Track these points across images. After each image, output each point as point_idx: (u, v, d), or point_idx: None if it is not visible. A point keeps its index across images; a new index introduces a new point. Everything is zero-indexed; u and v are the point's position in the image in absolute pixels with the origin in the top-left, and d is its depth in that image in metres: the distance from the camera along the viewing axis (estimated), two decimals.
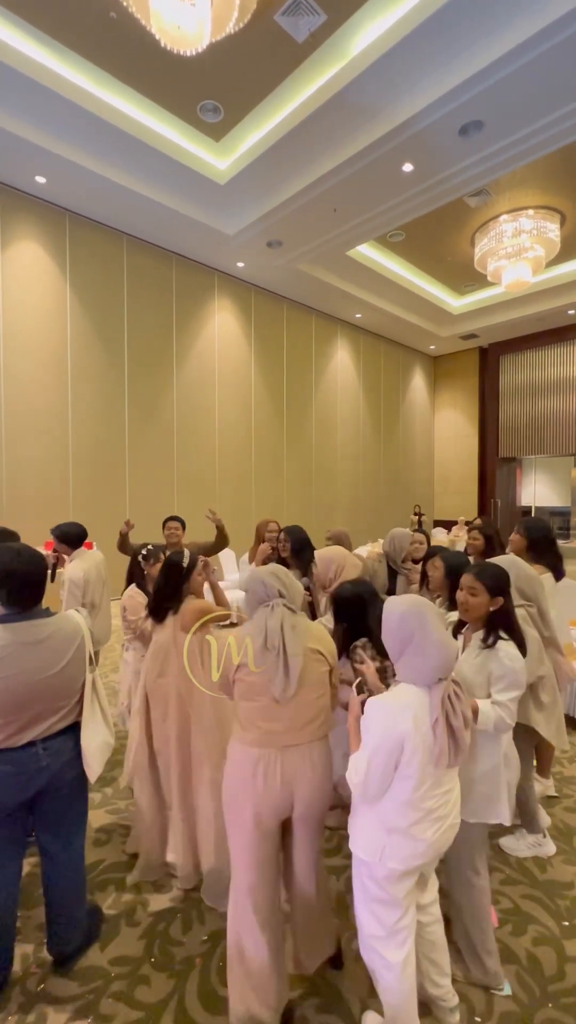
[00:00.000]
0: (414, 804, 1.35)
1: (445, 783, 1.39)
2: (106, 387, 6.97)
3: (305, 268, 8.17)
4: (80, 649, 1.68)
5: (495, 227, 7.34)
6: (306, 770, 1.50)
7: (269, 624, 1.54)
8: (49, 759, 1.59)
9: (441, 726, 1.31)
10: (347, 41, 4.54)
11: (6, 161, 5.48)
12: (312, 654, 1.57)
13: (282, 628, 1.53)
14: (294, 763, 1.50)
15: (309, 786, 1.50)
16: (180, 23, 3.57)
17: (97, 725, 1.73)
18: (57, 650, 1.61)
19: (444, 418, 13.50)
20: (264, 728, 1.52)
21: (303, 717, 1.52)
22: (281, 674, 1.49)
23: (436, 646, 1.35)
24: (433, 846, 1.37)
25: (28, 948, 1.80)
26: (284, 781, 1.49)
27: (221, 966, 1.73)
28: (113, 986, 1.66)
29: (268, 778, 1.49)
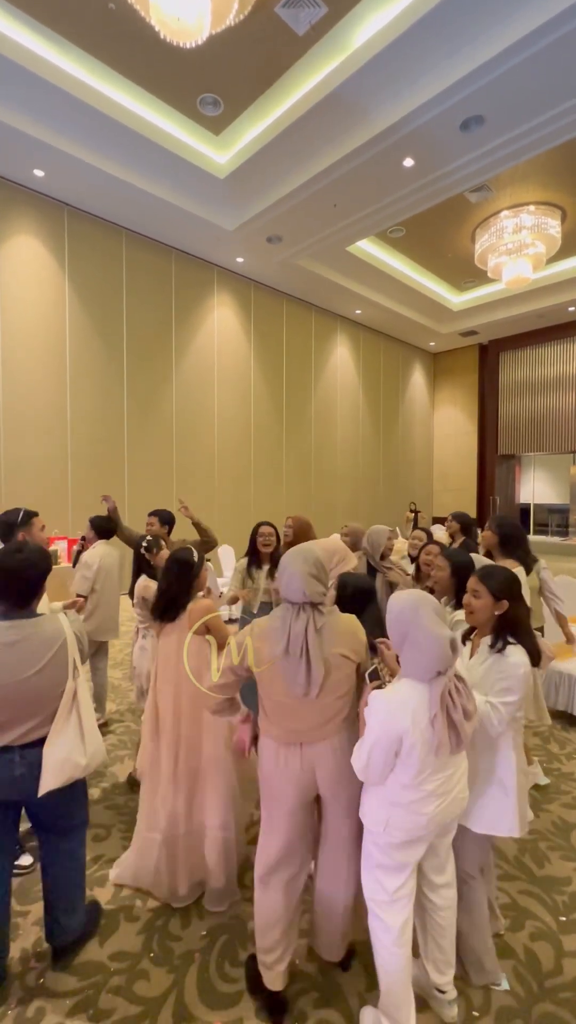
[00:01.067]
0: (414, 787, 1.39)
1: (448, 767, 1.42)
2: (105, 382, 6.95)
3: (305, 264, 8.13)
4: (60, 654, 1.59)
5: (496, 223, 7.31)
6: (327, 755, 1.54)
7: (293, 629, 1.49)
8: (24, 768, 1.54)
9: (440, 721, 1.33)
10: (348, 34, 4.50)
11: (4, 154, 5.44)
12: (336, 659, 1.52)
13: (306, 633, 1.48)
14: (314, 752, 1.54)
15: (331, 765, 1.54)
16: (180, 15, 3.54)
17: (67, 738, 1.58)
18: (32, 653, 1.54)
19: (443, 415, 13.49)
20: (286, 726, 1.54)
21: (324, 716, 1.53)
22: (303, 679, 1.46)
23: (430, 640, 1.35)
24: (435, 819, 1.41)
25: (27, 943, 1.81)
26: (304, 767, 1.54)
27: (220, 960, 1.74)
28: (112, 981, 1.67)
29: (290, 764, 1.55)
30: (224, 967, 1.71)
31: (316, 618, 1.50)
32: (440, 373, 13.46)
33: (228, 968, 1.71)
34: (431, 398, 13.53)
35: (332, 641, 1.52)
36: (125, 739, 3.25)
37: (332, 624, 1.55)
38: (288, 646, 1.47)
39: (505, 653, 1.63)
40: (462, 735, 1.36)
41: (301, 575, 1.50)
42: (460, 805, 1.47)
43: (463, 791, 1.48)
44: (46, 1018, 1.55)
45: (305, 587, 1.50)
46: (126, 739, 3.25)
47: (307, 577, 1.50)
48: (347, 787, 1.55)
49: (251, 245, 7.43)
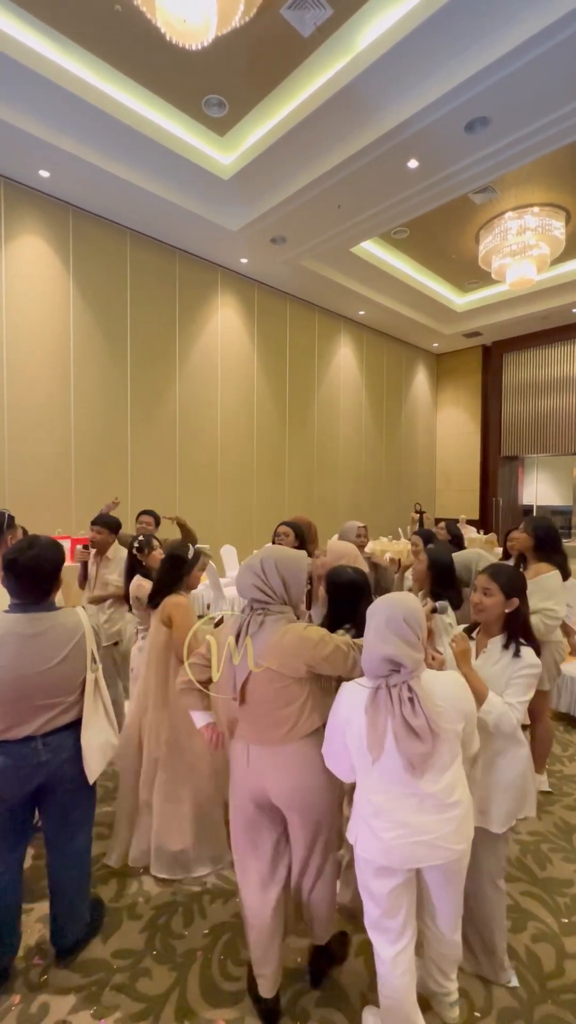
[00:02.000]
0: (364, 790, 1.40)
1: (404, 788, 1.34)
2: (109, 382, 6.97)
3: (309, 264, 8.14)
4: (79, 646, 1.66)
5: (500, 224, 7.31)
6: (272, 768, 1.51)
7: (231, 634, 1.56)
8: (49, 755, 1.59)
9: (370, 722, 1.33)
10: (353, 35, 4.51)
11: (10, 155, 5.46)
12: (264, 672, 1.48)
13: (237, 635, 1.53)
14: (260, 758, 1.53)
15: (278, 781, 1.51)
16: (186, 16, 3.55)
17: (99, 724, 1.70)
18: (54, 644, 1.60)
19: (446, 416, 13.47)
20: (230, 720, 1.59)
21: (258, 723, 1.52)
22: (230, 681, 1.53)
23: (369, 648, 1.38)
24: (394, 852, 1.33)
25: (31, 940, 1.82)
26: (252, 769, 1.54)
27: (223, 959, 1.75)
28: (115, 978, 1.68)
29: (239, 761, 1.58)
30: (227, 966, 1.72)
31: (251, 623, 1.52)
32: (443, 374, 13.45)
33: (230, 967, 1.72)
34: (434, 399, 13.52)
35: (262, 651, 1.49)
36: None
37: (267, 633, 1.51)
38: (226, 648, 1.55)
39: (520, 654, 1.63)
40: (409, 753, 1.29)
41: (248, 567, 1.57)
42: (436, 852, 1.34)
43: (443, 839, 1.34)
44: (50, 1014, 1.56)
45: (244, 578, 1.57)
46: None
47: (246, 571, 1.56)
48: (299, 800, 1.52)
49: (255, 246, 7.44)
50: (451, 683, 1.42)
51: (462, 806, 1.38)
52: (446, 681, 1.42)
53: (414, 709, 1.30)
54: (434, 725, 1.29)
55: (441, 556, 2.43)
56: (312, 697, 1.54)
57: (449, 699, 1.37)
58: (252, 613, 1.54)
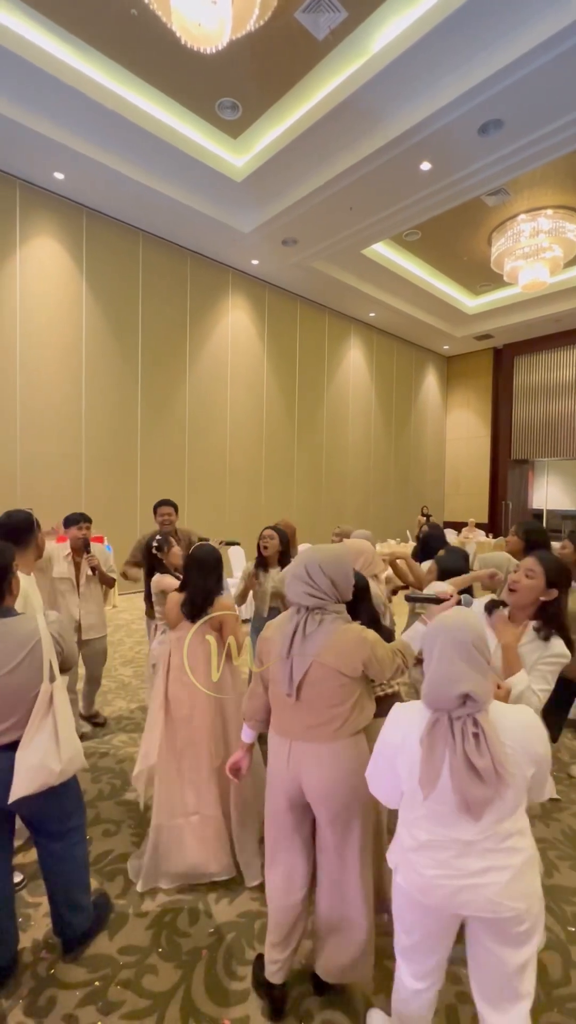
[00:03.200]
0: (407, 823, 1.27)
1: (455, 830, 1.19)
2: (119, 382, 7.03)
3: (320, 266, 8.16)
4: (33, 655, 1.55)
5: (513, 227, 7.28)
6: (311, 764, 1.52)
7: (285, 629, 1.58)
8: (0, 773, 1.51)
9: (426, 755, 1.20)
10: (367, 38, 4.52)
11: (25, 157, 5.53)
12: (321, 668, 1.51)
13: (293, 635, 1.54)
14: (301, 754, 1.54)
15: (315, 779, 1.51)
16: (201, 21, 3.58)
17: (40, 742, 1.51)
18: (4, 652, 1.52)
19: (456, 419, 13.42)
20: (277, 716, 1.61)
21: (309, 720, 1.53)
22: (287, 678, 1.54)
23: (436, 678, 1.21)
24: (435, 892, 1.19)
25: (38, 935, 1.84)
26: (291, 766, 1.54)
27: (228, 958, 1.75)
28: (121, 974, 1.69)
29: (279, 758, 1.57)
30: (231, 965, 1.72)
31: (308, 622, 1.55)
32: (454, 376, 13.39)
33: (235, 966, 1.72)
34: (444, 402, 13.47)
35: (317, 649, 1.52)
36: (136, 736, 3.29)
37: (326, 632, 1.53)
38: (285, 649, 1.55)
39: (550, 642, 1.64)
40: (468, 797, 1.14)
41: (295, 576, 1.58)
42: (484, 903, 1.15)
43: (494, 890, 1.15)
44: (56, 1008, 1.57)
45: (295, 587, 1.58)
46: (137, 736, 3.28)
47: (295, 580, 1.58)
48: (333, 800, 1.50)
49: (266, 248, 7.47)
50: (523, 721, 1.23)
51: (521, 856, 1.18)
52: (517, 718, 1.24)
53: (479, 747, 1.15)
54: (500, 767, 1.13)
55: (454, 565, 2.43)
56: (363, 696, 1.58)
57: (519, 739, 1.19)
58: (309, 613, 1.56)
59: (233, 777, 1.75)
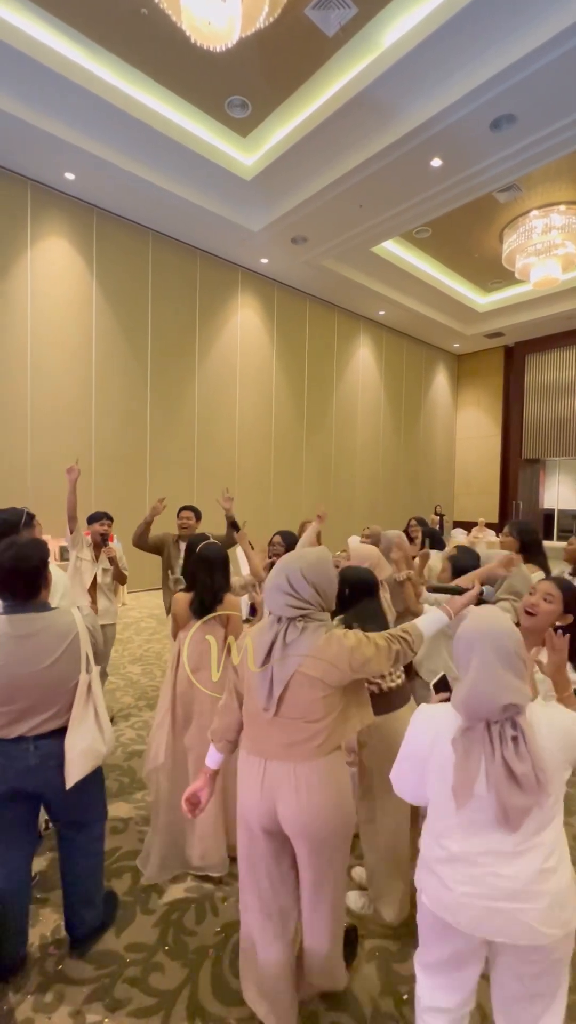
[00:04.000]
0: (435, 833, 1.19)
1: (487, 840, 1.12)
2: (129, 381, 7.06)
3: (329, 264, 8.13)
4: (72, 647, 1.63)
5: (525, 223, 7.20)
6: (288, 788, 1.40)
7: (264, 639, 1.46)
8: (39, 759, 1.57)
9: (460, 761, 1.13)
10: (378, 34, 4.48)
11: (37, 157, 5.57)
12: (304, 678, 1.40)
13: (271, 645, 1.43)
14: (276, 776, 1.42)
15: (290, 805, 1.39)
16: (210, 19, 3.57)
17: (86, 729, 1.62)
18: (46, 645, 1.58)
19: (467, 417, 13.31)
20: (251, 734, 1.49)
21: (286, 737, 1.42)
22: (264, 692, 1.43)
23: (476, 688, 1.13)
24: (463, 912, 1.11)
25: (46, 930, 1.85)
26: (264, 789, 1.43)
27: (234, 958, 1.75)
28: (128, 971, 1.69)
29: (251, 780, 1.45)
30: (237, 965, 1.72)
31: (289, 630, 1.44)
32: (464, 375, 13.28)
33: None
34: (454, 400, 13.37)
35: (301, 660, 1.41)
36: (144, 734, 3.30)
37: (308, 642, 1.43)
38: (260, 655, 1.45)
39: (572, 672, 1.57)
40: (507, 806, 1.07)
41: (275, 586, 1.46)
42: (517, 928, 1.07)
43: (529, 914, 1.07)
44: (63, 1004, 1.58)
45: (275, 599, 1.46)
46: (145, 734, 3.30)
47: (274, 591, 1.47)
48: (313, 832, 1.39)
49: (276, 246, 7.46)
50: (560, 719, 1.17)
51: (561, 878, 1.10)
52: (553, 717, 1.17)
53: (518, 751, 1.08)
54: (541, 773, 1.07)
55: (466, 564, 2.38)
56: (347, 708, 1.47)
57: (556, 739, 1.12)
58: (290, 621, 1.46)
59: (189, 812, 1.55)
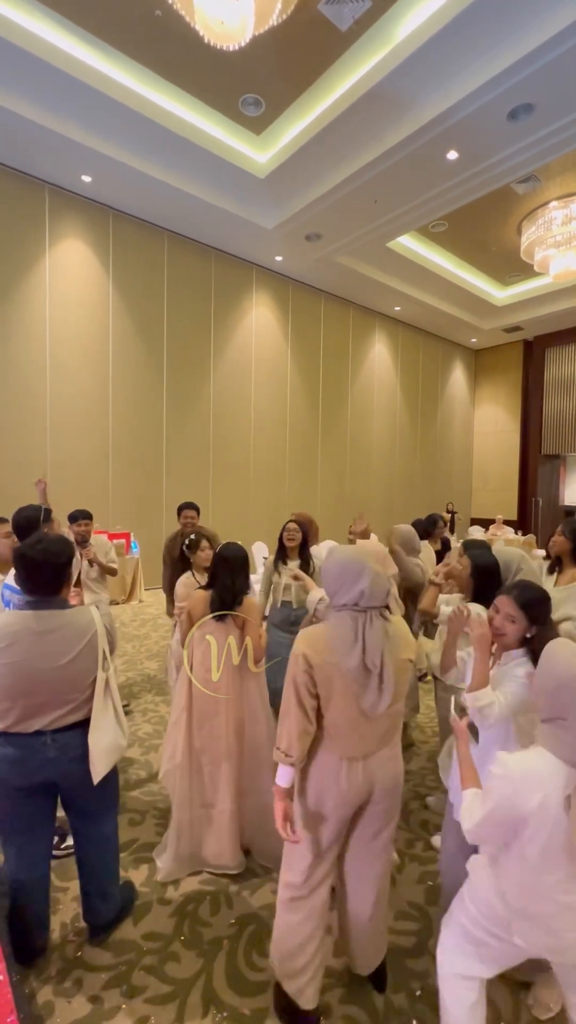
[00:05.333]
0: (538, 891, 1.16)
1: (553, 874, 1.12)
2: (145, 381, 7.14)
3: (344, 261, 8.08)
4: (91, 645, 1.66)
5: (544, 214, 7.05)
6: (385, 768, 1.48)
7: (369, 639, 1.38)
8: (57, 752, 1.61)
9: (570, 822, 1.09)
10: (392, 27, 4.44)
11: (54, 161, 5.65)
12: (404, 664, 1.44)
13: (383, 644, 1.40)
14: (376, 762, 1.47)
15: (389, 778, 1.48)
16: (224, 18, 3.57)
17: (107, 725, 1.68)
18: (66, 642, 1.62)
19: (485, 413, 13.13)
20: (352, 741, 1.44)
21: (383, 728, 1.46)
22: (375, 692, 1.38)
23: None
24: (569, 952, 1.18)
25: (66, 918, 1.90)
26: (365, 780, 1.46)
27: (248, 949, 1.78)
28: (145, 960, 1.73)
29: (352, 777, 1.44)
30: (252, 956, 1.75)
31: (374, 623, 1.41)
32: (482, 370, 13.10)
33: (255, 957, 1.74)
34: (472, 396, 13.20)
35: (399, 647, 1.44)
36: (160, 729, 3.35)
37: (395, 629, 1.47)
38: (365, 659, 1.37)
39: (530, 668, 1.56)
40: None
41: (384, 576, 1.42)
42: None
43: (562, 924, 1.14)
44: (83, 989, 1.63)
45: (379, 590, 1.42)
46: (161, 728, 3.35)
47: (376, 579, 1.41)
48: (394, 793, 1.50)
49: (290, 243, 7.45)
50: None
51: None
52: None
53: None
54: None
55: (487, 560, 2.24)
56: None
57: None
58: (368, 614, 1.41)
59: (289, 836, 1.45)
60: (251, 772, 2.16)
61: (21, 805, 1.65)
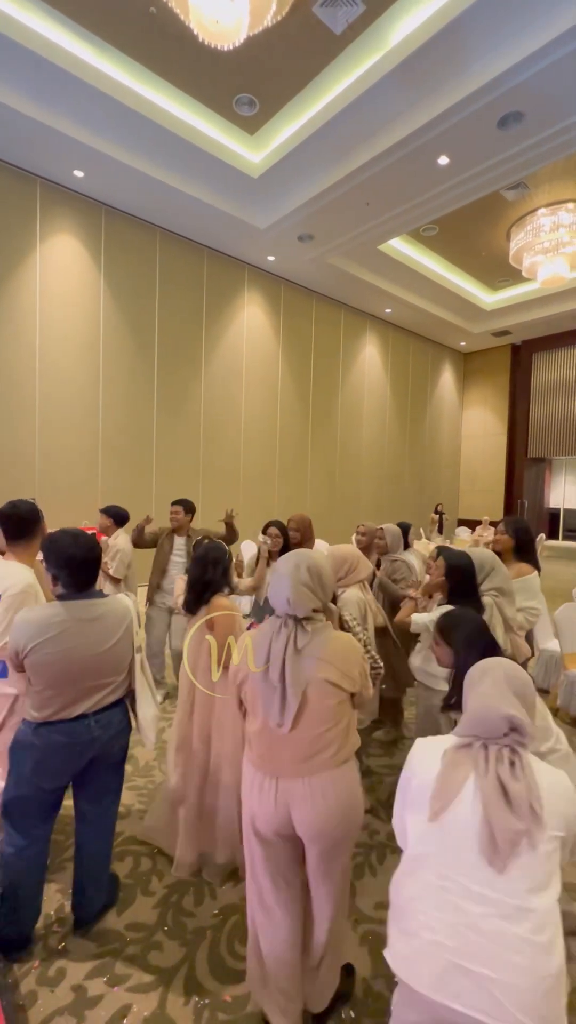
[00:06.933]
0: (408, 862, 1.10)
1: (466, 875, 0.99)
2: (136, 378, 7.11)
3: (336, 262, 8.13)
4: (128, 630, 1.80)
5: (532, 221, 7.16)
6: (305, 797, 1.33)
7: (273, 647, 1.35)
8: (100, 730, 1.71)
9: (438, 774, 1.09)
10: (385, 32, 4.49)
11: (46, 155, 5.61)
12: (321, 685, 1.33)
13: (284, 652, 1.32)
14: (291, 789, 1.34)
15: (305, 813, 1.32)
16: (219, 17, 3.59)
17: (147, 699, 1.90)
18: (109, 628, 1.73)
19: (473, 416, 13.27)
20: (261, 753, 1.38)
21: (303, 752, 1.33)
22: (277, 707, 1.32)
23: (482, 702, 1.13)
24: (420, 964, 0.97)
25: (51, 909, 1.91)
26: (279, 802, 1.34)
27: (230, 938, 1.80)
28: (128, 949, 1.75)
29: (264, 794, 1.36)
30: (234, 945, 1.77)
31: (299, 636, 1.34)
32: (470, 373, 13.24)
33: (237, 946, 1.77)
34: (460, 399, 13.33)
35: (316, 664, 1.32)
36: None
37: (320, 644, 1.35)
38: (268, 667, 1.33)
39: None
40: (494, 826, 0.98)
41: (291, 581, 1.35)
42: (486, 1001, 0.90)
43: (504, 989, 0.89)
44: (66, 978, 1.64)
45: (291, 595, 1.35)
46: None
47: (297, 585, 1.35)
48: (327, 837, 1.34)
49: (282, 244, 7.48)
50: (560, 779, 1.09)
51: (550, 963, 0.91)
52: (555, 776, 1.09)
53: (514, 772, 1.04)
54: (536, 802, 1.00)
55: (460, 561, 2.28)
56: (354, 717, 1.43)
57: (554, 796, 1.04)
58: (298, 624, 1.36)
59: None
60: (213, 785, 2.08)
61: (43, 798, 1.70)
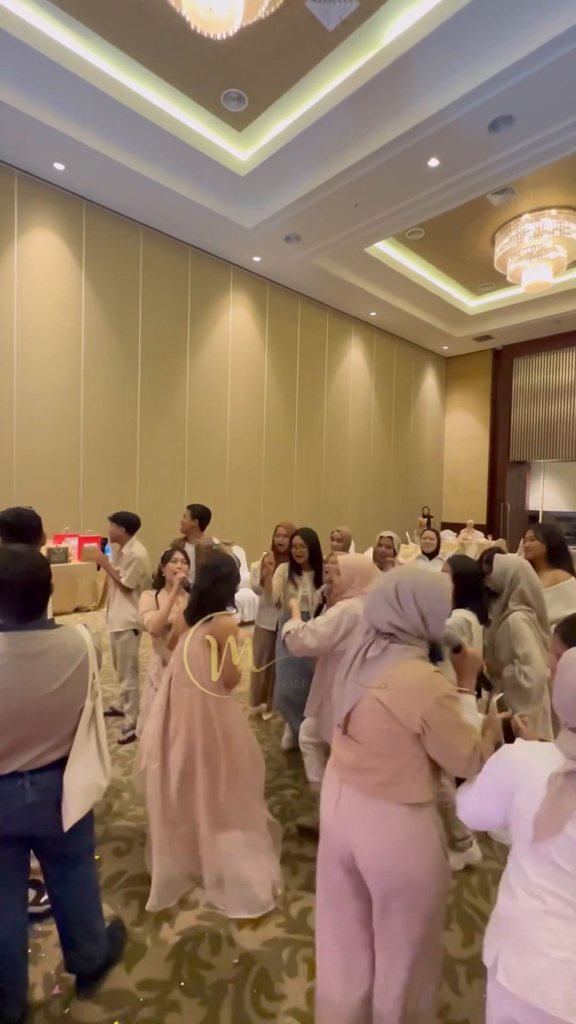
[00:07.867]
0: (521, 880, 1.02)
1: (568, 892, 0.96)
2: (119, 378, 6.88)
3: (322, 264, 8.05)
4: (82, 670, 1.48)
5: (517, 226, 7.22)
6: (358, 821, 1.28)
7: (350, 648, 1.44)
8: (36, 796, 1.41)
9: (554, 794, 1.00)
10: (378, 30, 4.41)
11: (25, 146, 5.37)
12: (373, 702, 1.29)
13: (354, 658, 1.39)
14: (350, 804, 1.32)
15: (364, 842, 1.26)
16: (212, 5, 3.45)
17: (88, 761, 1.48)
18: (55, 667, 1.43)
19: (455, 420, 13.38)
20: (335, 748, 1.44)
21: (355, 762, 1.32)
22: (339, 702, 1.39)
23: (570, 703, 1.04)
24: (551, 992, 0.91)
25: (50, 967, 1.71)
26: (339, 814, 1.32)
27: (255, 993, 1.64)
28: (142, 1012, 1.57)
29: (330, 800, 1.37)
30: (260, 1001, 1.61)
31: (372, 646, 1.36)
32: (453, 377, 13.35)
33: (264, 1001, 1.61)
34: (443, 402, 13.43)
35: (375, 679, 1.31)
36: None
37: (389, 663, 1.31)
38: (349, 669, 1.40)
39: None
40: None
41: (375, 589, 1.42)
42: None
43: None
44: None
45: (368, 602, 1.42)
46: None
47: (380, 601, 1.38)
48: (382, 875, 1.23)
49: (269, 244, 7.35)
50: None
51: None
52: None
53: None
54: None
55: (466, 566, 2.35)
56: (425, 765, 1.27)
57: None
58: (377, 635, 1.37)
59: None
60: (227, 800, 1.95)
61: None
